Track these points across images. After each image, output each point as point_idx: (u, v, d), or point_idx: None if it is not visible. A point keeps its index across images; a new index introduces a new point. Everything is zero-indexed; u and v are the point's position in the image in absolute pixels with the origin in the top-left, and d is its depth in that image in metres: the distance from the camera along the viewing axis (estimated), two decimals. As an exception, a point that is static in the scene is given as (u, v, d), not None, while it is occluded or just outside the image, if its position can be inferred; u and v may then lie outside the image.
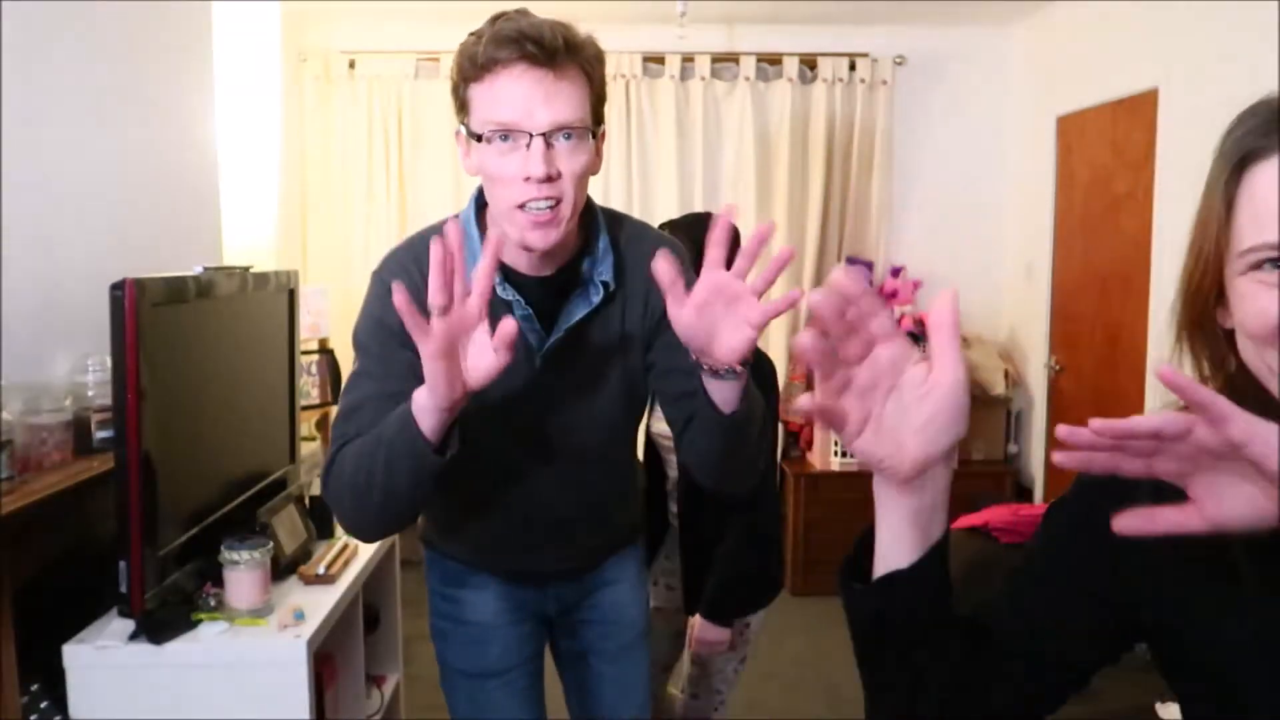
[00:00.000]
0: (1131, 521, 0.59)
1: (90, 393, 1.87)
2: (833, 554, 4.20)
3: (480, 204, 1.31)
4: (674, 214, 4.13)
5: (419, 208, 4.12)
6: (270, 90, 3.62)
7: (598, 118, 1.23)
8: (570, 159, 1.18)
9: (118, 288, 1.54)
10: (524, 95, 1.15)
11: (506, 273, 1.28)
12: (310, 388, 3.35)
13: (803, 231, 4.21)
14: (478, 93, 1.18)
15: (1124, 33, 3.38)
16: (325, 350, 3.46)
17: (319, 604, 1.86)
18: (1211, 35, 2.87)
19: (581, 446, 1.41)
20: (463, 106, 1.22)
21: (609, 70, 4.35)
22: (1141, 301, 3.28)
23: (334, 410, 3.58)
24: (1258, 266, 0.65)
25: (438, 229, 1.24)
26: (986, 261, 4.29)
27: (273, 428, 2.20)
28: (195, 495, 1.81)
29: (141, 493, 1.58)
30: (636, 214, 4.45)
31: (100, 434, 1.83)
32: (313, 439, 3.33)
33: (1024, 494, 4.18)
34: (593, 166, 1.23)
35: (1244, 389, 0.69)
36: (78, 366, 1.89)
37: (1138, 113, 3.29)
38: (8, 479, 1.60)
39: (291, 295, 2.24)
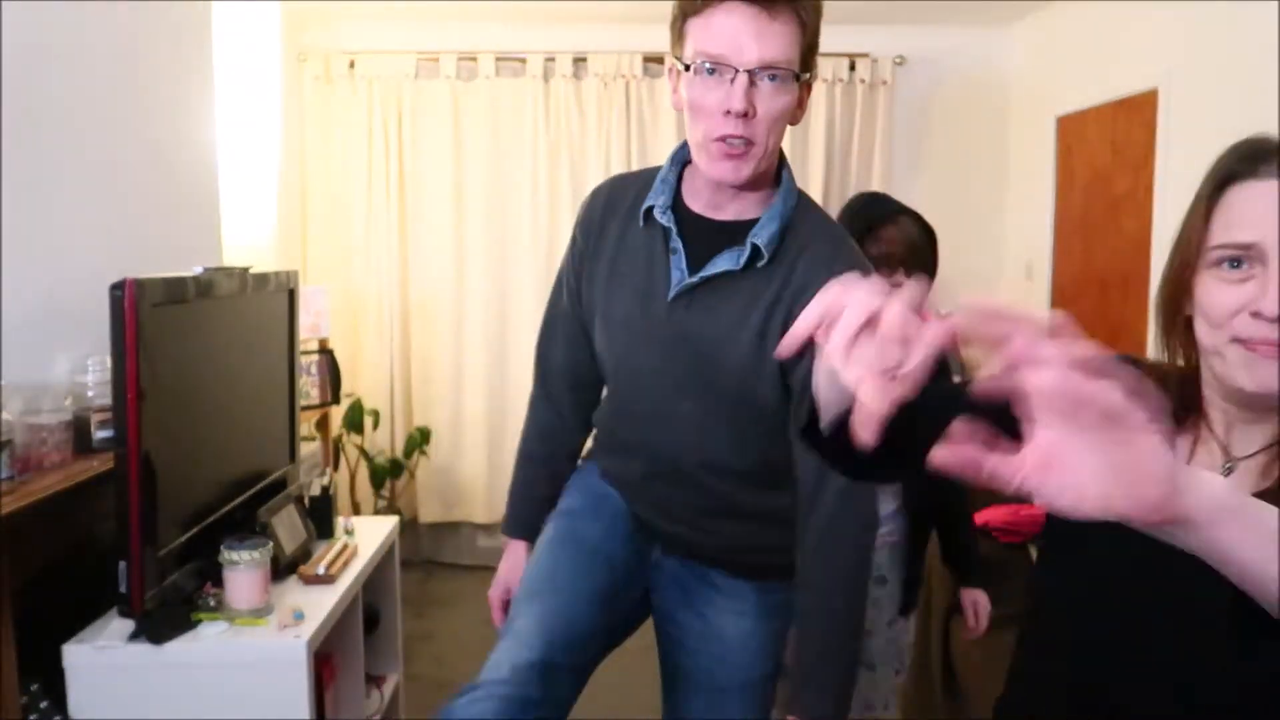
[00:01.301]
0: (944, 453, 0.59)
1: (90, 393, 1.87)
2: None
3: (686, 157, 1.36)
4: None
5: (419, 208, 4.12)
6: (270, 90, 3.62)
7: (806, 65, 1.26)
8: (771, 99, 1.22)
9: (118, 288, 1.54)
10: (736, 30, 1.19)
11: (679, 205, 1.35)
12: (310, 388, 3.35)
13: (803, 231, 4.21)
14: (694, 25, 1.23)
15: (1124, 33, 3.38)
16: (325, 350, 3.45)
17: (319, 604, 1.86)
18: (1211, 35, 2.87)
19: (697, 398, 1.36)
20: (679, 40, 1.27)
21: (609, 70, 4.35)
22: (1141, 301, 3.28)
23: (334, 410, 3.59)
24: (1219, 264, 0.81)
25: (655, 168, 1.41)
26: (986, 261, 4.28)
27: (273, 428, 2.20)
28: (195, 495, 1.81)
29: (141, 493, 1.58)
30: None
31: (100, 434, 1.83)
32: (313, 439, 3.33)
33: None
34: (794, 114, 1.27)
35: (1196, 374, 0.86)
36: (78, 366, 1.89)
37: (1138, 113, 3.29)
38: (8, 479, 1.60)
39: (291, 295, 2.24)
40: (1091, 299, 3.69)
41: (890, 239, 1.79)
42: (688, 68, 1.24)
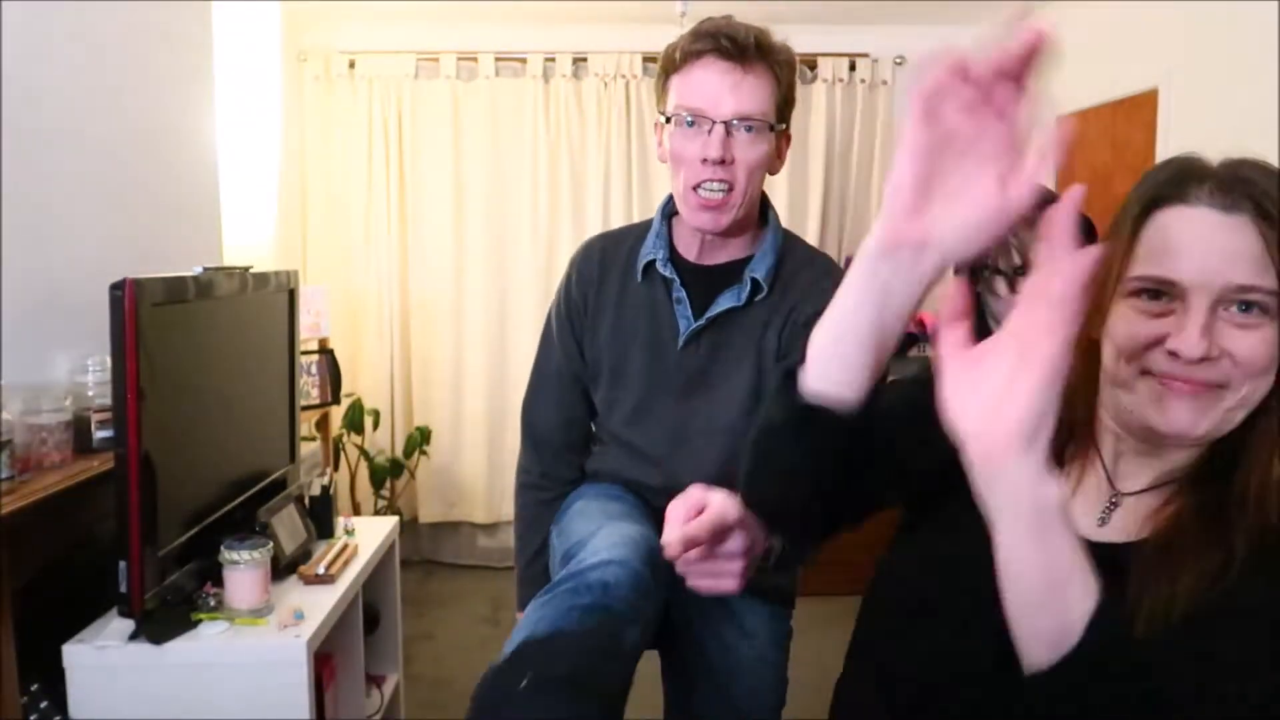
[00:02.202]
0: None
1: (90, 393, 1.87)
2: (834, 554, 4.19)
3: (673, 209, 1.44)
4: (674, 214, 4.15)
5: (419, 208, 4.12)
6: (270, 90, 3.61)
7: (781, 117, 1.33)
8: (747, 149, 1.29)
9: (118, 288, 1.54)
10: (713, 84, 1.28)
11: (674, 255, 1.43)
12: (310, 388, 3.35)
13: (803, 232, 4.21)
14: (676, 82, 1.32)
15: (1124, 33, 3.38)
16: (325, 350, 3.45)
17: (319, 604, 1.86)
18: (1211, 35, 2.87)
19: (715, 432, 1.41)
20: (662, 96, 1.36)
21: (609, 70, 4.35)
22: (1141, 301, 3.28)
23: (334, 410, 3.59)
24: (1135, 293, 0.76)
25: (645, 222, 1.50)
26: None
27: (273, 428, 2.20)
28: (195, 495, 1.81)
29: (141, 493, 1.57)
30: (636, 214, 4.44)
31: (100, 434, 1.83)
32: (313, 439, 3.34)
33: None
34: (771, 164, 1.35)
35: (1083, 383, 0.81)
36: (78, 366, 1.89)
37: (1138, 113, 3.29)
38: (8, 479, 1.60)
39: (291, 295, 2.24)
40: (1091, 299, 3.69)
41: None
42: (669, 120, 1.32)
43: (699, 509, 0.96)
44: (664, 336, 1.43)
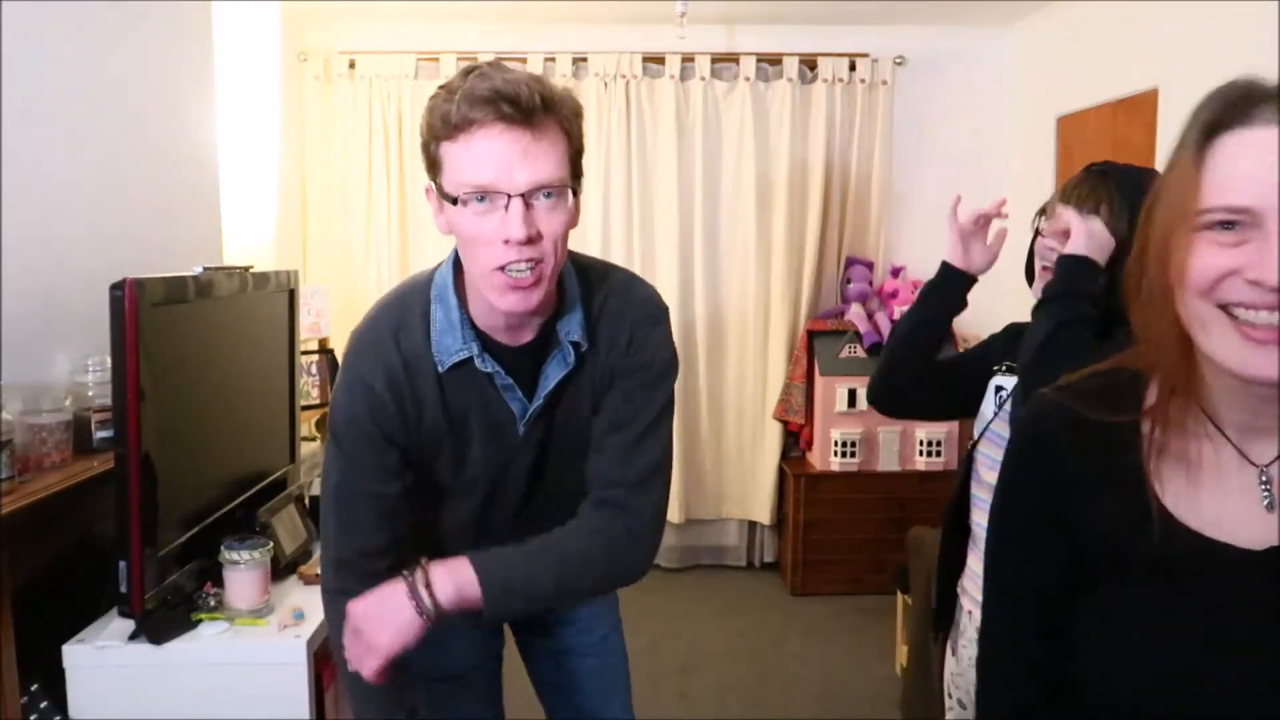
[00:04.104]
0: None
1: (90, 393, 1.87)
2: (833, 554, 4.20)
3: (457, 265, 1.27)
4: (673, 214, 4.16)
5: (419, 207, 4.11)
6: (270, 90, 3.61)
7: (576, 172, 1.19)
8: (550, 218, 1.14)
9: (118, 288, 1.54)
10: (501, 156, 1.10)
11: (485, 342, 1.26)
12: (310, 388, 3.35)
13: (803, 231, 4.21)
14: (451, 152, 1.13)
15: (1124, 33, 3.38)
16: (325, 350, 3.45)
17: (319, 604, 1.85)
18: (1211, 35, 2.87)
19: (573, 483, 1.35)
20: (433, 165, 1.17)
21: (609, 70, 4.35)
22: (1141, 301, 3.28)
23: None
24: (1211, 226, 0.72)
25: (410, 293, 1.30)
26: (986, 261, 4.28)
27: (273, 428, 2.20)
28: (195, 495, 1.81)
29: (141, 493, 1.57)
30: (636, 214, 4.44)
31: (100, 434, 1.83)
32: (313, 439, 3.33)
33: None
34: (572, 223, 1.19)
35: (1170, 348, 0.77)
36: (78, 366, 1.89)
37: (1138, 113, 3.29)
38: (8, 479, 1.60)
39: (291, 295, 2.24)
40: (1091, 299, 3.69)
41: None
42: (454, 200, 1.14)
43: None
44: (502, 421, 1.30)
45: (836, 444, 3.95)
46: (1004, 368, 1.63)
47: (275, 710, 1.68)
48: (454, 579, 1.19)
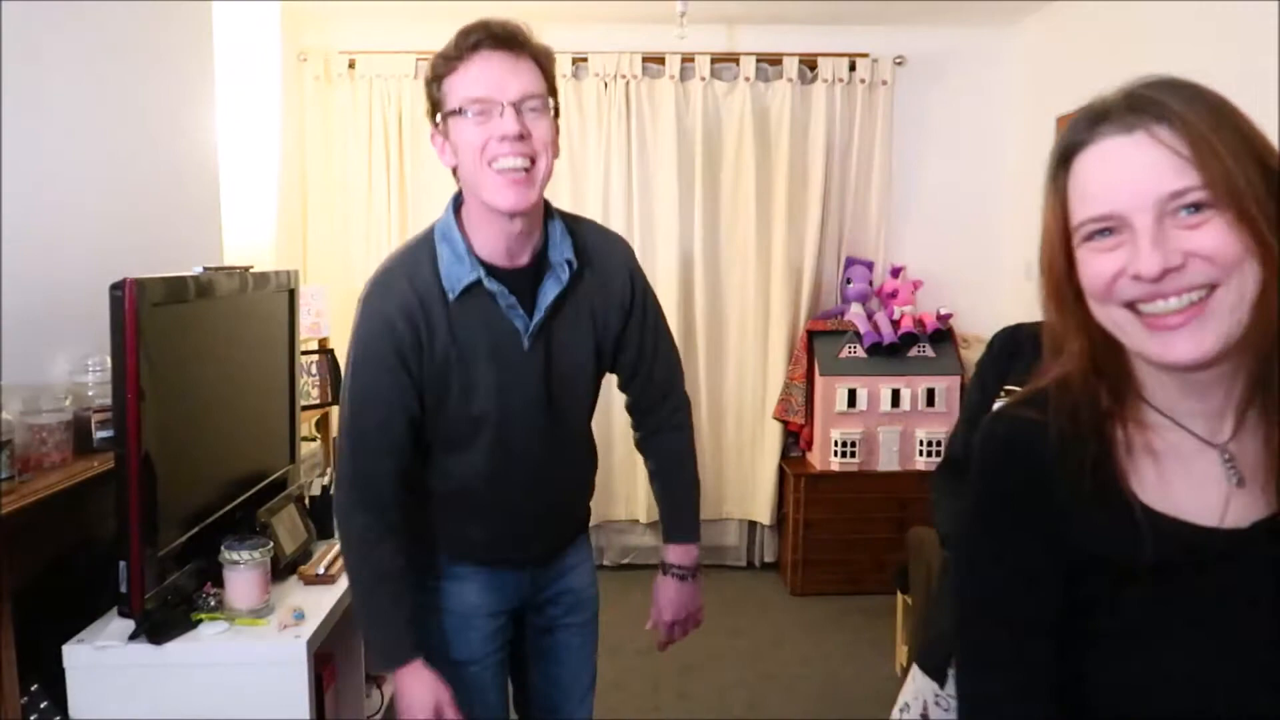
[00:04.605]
0: None
1: (90, 393, 1.87)
2: (833, 554, 4.20)
3: (456, 211, 1.47)
4: (673, 214, 4.16)
5: (419, 207, 4.11)
6: (270, 90, 3.62)
7: (554, 96, 1.41)
8: (537, 122, 1.36)
9: (118, 288, 1.54)
10: (494, 73, 1.34)
11: (488, 268, 1.43)
12: (310, 388, 3.36)
13: (803, 231, 4.21)
14: (452, 82, 1.37)
15: (1124, 33, 3.38)
16: (325, 350, 3.46)
17: (319, 604, 1.86)
18: (1211, 35, 2.87)
19: (573, 422, 1.59)
20: (437, 104, 1.40)
21: (609, 70, 4.34)
22: (1141, 301, 3.28)
23: (334, 410, 3.59)
24: (1089, 238, 0.79)
25: (415, 244, 1.49)
26: (986, 261, 4.28)
27: (273, 428, 2.20)
28: (195, 495, 1.81)
29: (141, 493, 1.58)
30: (637, 216, 4.45)
31: (100, 434, 1.83)
32: (313, 439, 3.33)
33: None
34: (555, 146, 1.40)
35: (1105, 352, 0.83)
36: (78, 366, 1.89)
37: (1138, 113, 3.29)
38: (8, 479, 1.60)
39: (291, 295, 2.24)
40: (1091, 299, 3.69)
41: None
42: (457, 111, 1.35)
43: None
44: (507, 341, 1.46)
45: (836, 444, 3.95)
46: (1002, 392, 1.57)
47: (275, 710, 1.68)
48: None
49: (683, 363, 1.79)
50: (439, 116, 1.39)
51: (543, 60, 1.39)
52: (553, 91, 1.41)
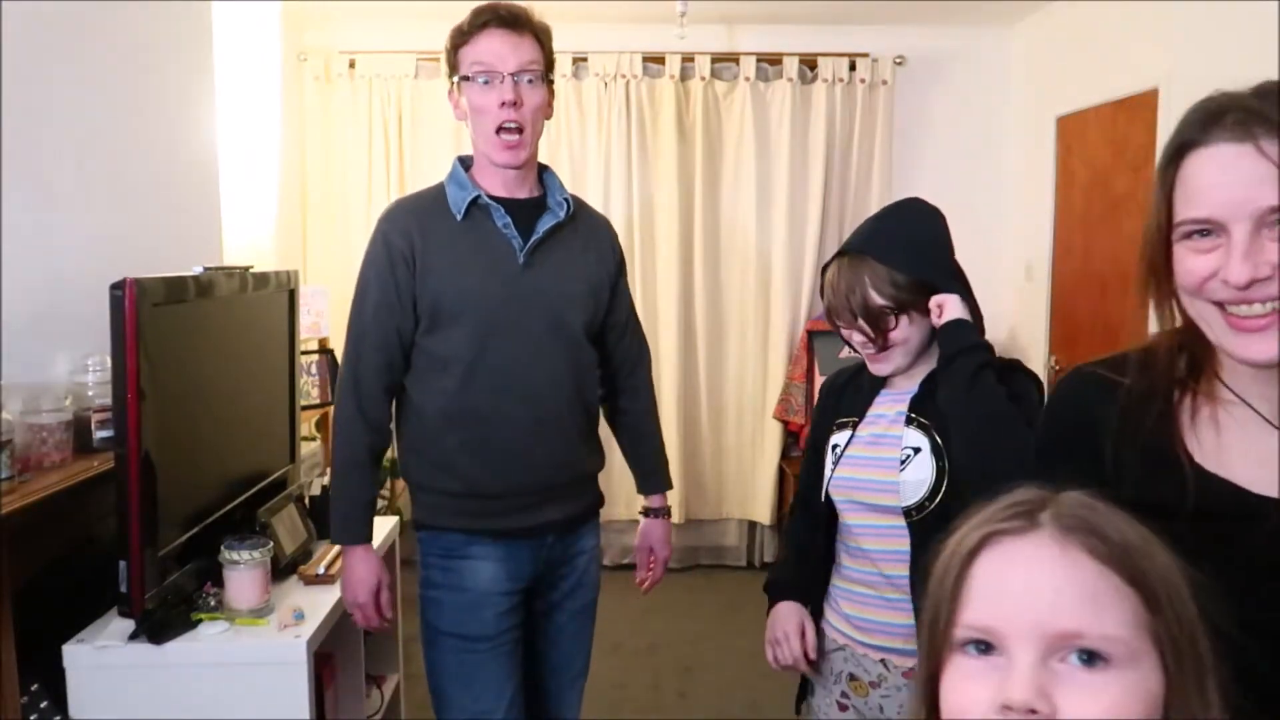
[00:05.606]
0: None
1: (90, 393, 1.87)
2: (833, 554, 4.17)
3: (465, 165, 1.74)
4: (673, 214, 4.16)
5: (419, 208, 4.12)
6: (270, 90, 3.62)
7: (549, 69, 1.69)
8: (531, 93, 1.64)
9: (118, 288, 1.54)
10: (498, 45, 1.63)
11: (490, 197, 1.68)
12: (310, 388, 3.36)
13: (803, 231, 4.21)
14: (465, 51, 1.66)
15: (1124, 33, 3.38)
16: (325, 350, 3.46)
17: (319, 604, 1.86)
18: (1211, 35, 2.87)
19: (566, 353, 1.73)
20: (453, 68, 1.68)
21: (609, 70, 4.35)
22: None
23: (333, 411, 3.59)
24: (1187, 236, 0.83)
25: (428, 189, 1.76)
26: (986, 261, 4.27)
27: (273, 428, 2.20)
28: (195, 495, 1.81)
29: (141, 493, 1.58)
30: (637, 215, 4.44)
31: (100, 434, 1.83)
32: (313, 439, 3.34)
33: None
34: (548, 110, 1.70)
35: (1190, 333, 0.88)
36: (78, 366, 1.89)
37: (1138, 113, 3.29)
38: (8, 479, 1.60)
39: (291, 295, 2.24)
40: (1091, 299, 3.69)
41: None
42: (467, 78, 1.64)
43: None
44: (502, 257, 1.68)
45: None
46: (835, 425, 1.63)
47: (275, 710, 1.68)
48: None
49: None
50: (455, 79, 1.68)
51: (541, 36, 1.67)
52: (549, 64, 1.69)
